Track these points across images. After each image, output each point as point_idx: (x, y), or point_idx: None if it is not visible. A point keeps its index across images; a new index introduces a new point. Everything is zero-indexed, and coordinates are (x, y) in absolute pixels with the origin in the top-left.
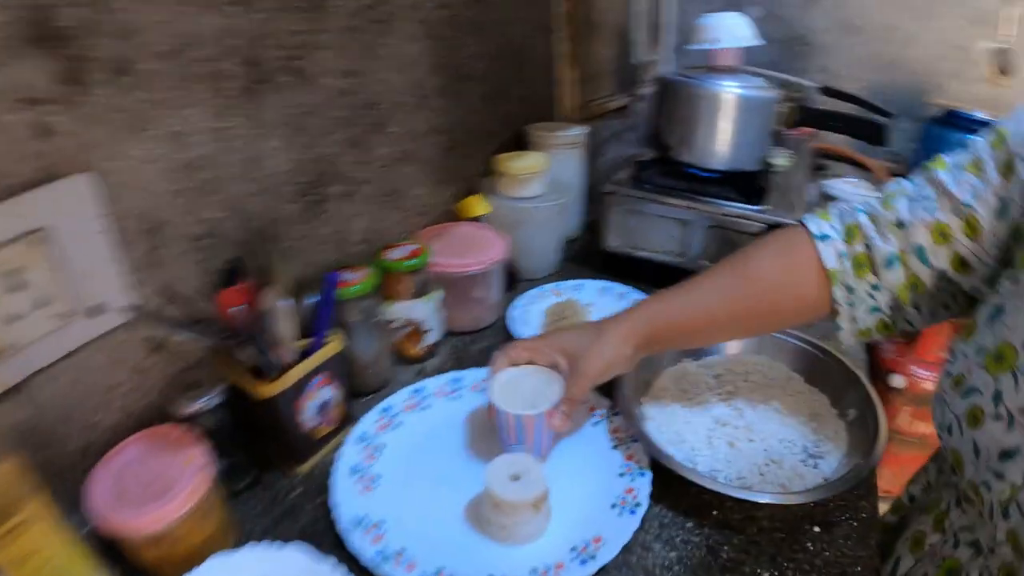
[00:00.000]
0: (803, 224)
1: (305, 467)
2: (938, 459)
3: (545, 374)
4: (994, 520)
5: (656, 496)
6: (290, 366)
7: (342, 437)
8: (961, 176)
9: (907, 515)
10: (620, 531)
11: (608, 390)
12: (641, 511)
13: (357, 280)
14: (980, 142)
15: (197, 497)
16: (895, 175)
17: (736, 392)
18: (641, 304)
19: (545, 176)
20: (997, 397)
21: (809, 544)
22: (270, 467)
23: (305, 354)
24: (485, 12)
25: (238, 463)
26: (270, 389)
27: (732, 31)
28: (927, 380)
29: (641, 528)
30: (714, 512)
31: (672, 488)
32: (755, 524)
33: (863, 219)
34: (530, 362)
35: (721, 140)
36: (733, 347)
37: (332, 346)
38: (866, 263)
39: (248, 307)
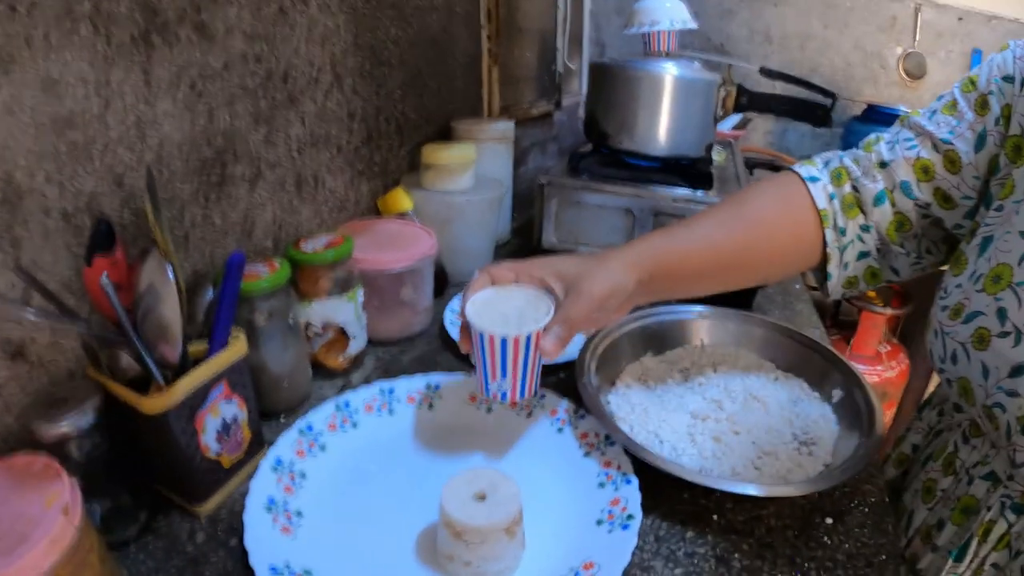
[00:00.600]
0: (792, 170)
1: (208, 506)
2: (936, 402)
3: (532, 294)
4: (1012, 440)
5: (644, 506)
6: (183, 371)
7: (253, 465)
8: (939, 118)
9: (911, 467)
10: (616, 552)
11: (566, 391)
12: (636, 524)
13: (266, 273)
14: (953, 91)
15: (64, 547)
16: None
17: (709, 384)
18: (642, 238)
19: (474, 169)
20: (1001, 315)
21: (826, 538)
22: (164, 507)
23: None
24: None
25: (123, 504)
26: (158, 402)
27: (670, 13)
28: (865, 375)
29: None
30: (715, 517)
31: (662, 495)
32: (763, 524)
33: (848, 162)
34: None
35: (662, 125)
36: (696, 338)
37: (236, 347)
38: (855, 203)
39: (124, 286)
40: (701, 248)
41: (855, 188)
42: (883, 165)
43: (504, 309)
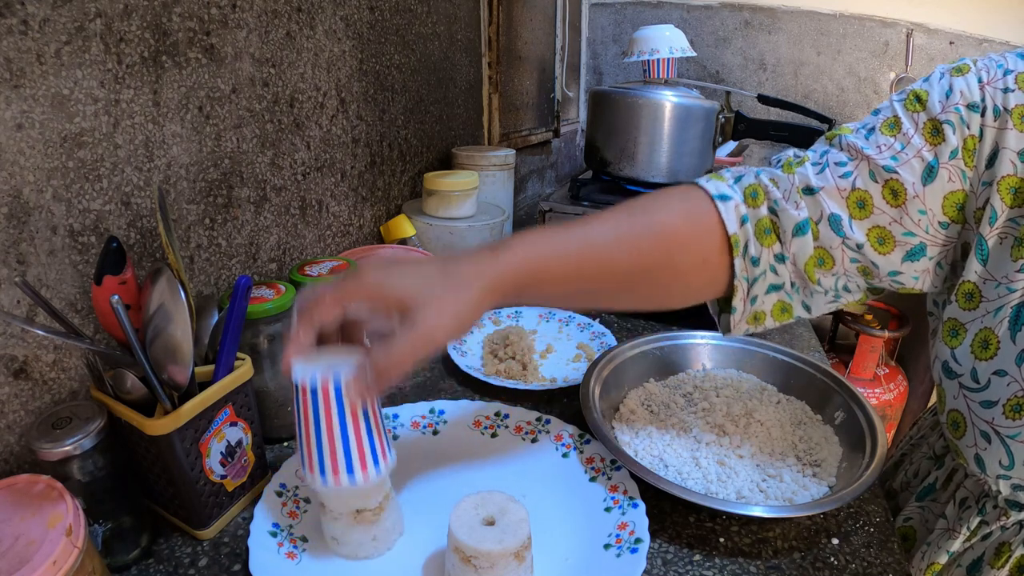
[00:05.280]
0: (697, 184)
1: (211, 531)
2: (966, 500)
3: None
4: None
5: (650, 530)
6: (189, 394)
7: (257, 491)
8: (878, 139)
9: (948, 571)
10: None
11: (571, 416)
12: (644, 548)
13: (271, 296)
14: (892, 105)
15: (66, 569)
16: None
17: (712, 409)
18: (520, 241)
19: (476, 196)
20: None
21: (832, 559)
22: (165, 531)
23: (207, 384)
24: (411, 23)
25: (124, 527)
26: (163, 424)
27: (669, 42)
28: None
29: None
30: (721, 539)
31: (668, 519)
32: (769, 547)
33: (765, 180)
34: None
35: (663, 152)
36: (698, 363)
37: (242, 371)
38: (771, 228)
39: (133, 306)
40: (592, 266)
41: (773, 212)
42: (809, 191)
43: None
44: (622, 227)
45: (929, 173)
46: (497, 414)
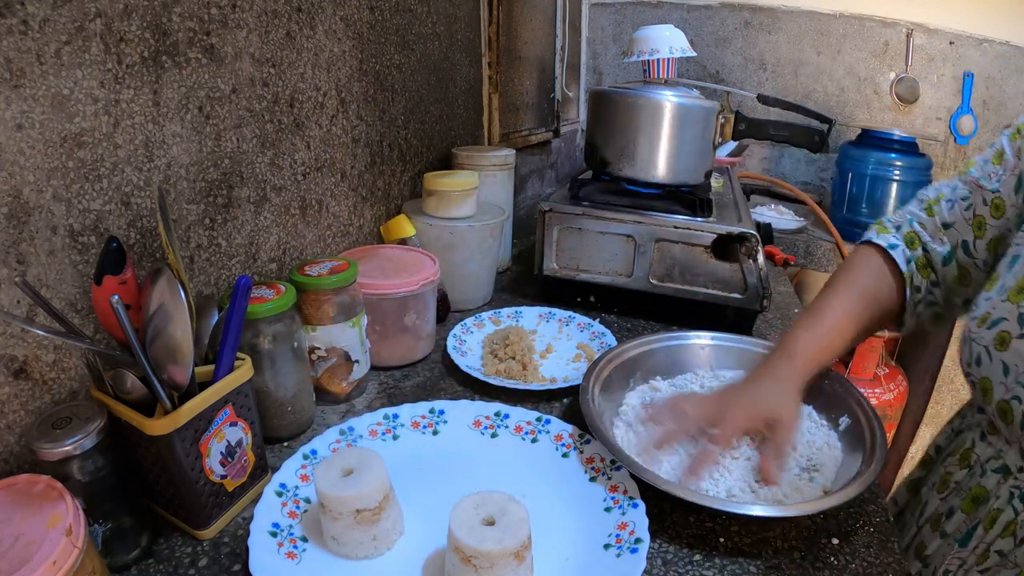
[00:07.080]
0: (872, 242)
1: (211, 530)
2: (962, 412)
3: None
4: None
5: (650, 530)
6: (189, 394)
7: (257, 491)
8: (988, 169)
9: (934, 465)
10: None
11: (571, 416)
12: (644, 548)
13: (271, 296)
14: (1002, 139)
15: (66, 569)
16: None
17: None
18: (797, 344)
19: (476, 196)
20: (1021, 320)
21: (832, 559)
22: (165, 531)
23: (207, 384)
24: (411, 23)
25: (124, 527)
26: (163, 424)
27: (669, 42)
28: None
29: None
30: (721, 539)
31: (668, 519)
32: (769, 547)
33: (916, 227)
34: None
35: (663, 152)
36: (699, 363)
37: (243, 371)
38: (926, 264)
39: (133, 306)
40: (840, 334)
41: (925, 251)
42: (946, 226)
43: None
44: (847, 304)
45: (1019, 184)
46: (497, 414)
